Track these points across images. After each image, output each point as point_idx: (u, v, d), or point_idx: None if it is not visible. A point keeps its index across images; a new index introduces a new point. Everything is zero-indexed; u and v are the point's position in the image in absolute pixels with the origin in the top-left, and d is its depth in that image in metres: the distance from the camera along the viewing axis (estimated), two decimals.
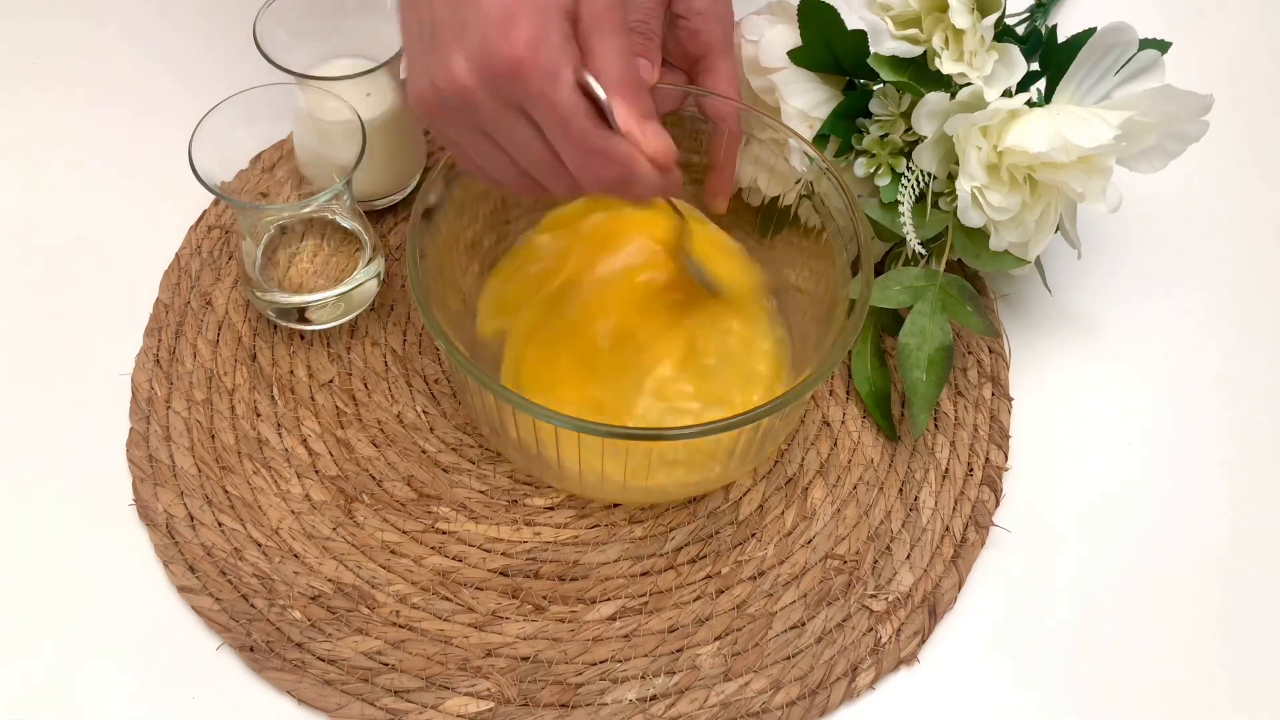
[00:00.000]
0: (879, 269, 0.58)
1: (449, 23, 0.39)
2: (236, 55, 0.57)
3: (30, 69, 0.68)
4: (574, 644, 0.49)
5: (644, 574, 0.51)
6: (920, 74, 0.53)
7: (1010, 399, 0.57)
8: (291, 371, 0.56)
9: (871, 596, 0.51)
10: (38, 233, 0.61)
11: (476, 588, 0.50)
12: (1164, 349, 0.61)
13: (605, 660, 0.49)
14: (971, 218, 0.53)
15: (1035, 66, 0.56)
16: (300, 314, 0.56)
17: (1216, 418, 0.58)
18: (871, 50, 0.53)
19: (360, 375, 0.56)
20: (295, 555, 0.50)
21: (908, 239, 0.54)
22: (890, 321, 0.57)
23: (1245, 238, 0.66)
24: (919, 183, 0.54)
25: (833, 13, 0.53)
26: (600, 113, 0.39)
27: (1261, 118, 0.71)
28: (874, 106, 0.55)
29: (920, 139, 0.53)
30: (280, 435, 0.54)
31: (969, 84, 0.52)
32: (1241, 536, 0.54)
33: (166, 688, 0.47)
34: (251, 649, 0.48)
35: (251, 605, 0.49)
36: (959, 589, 0.51)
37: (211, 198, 0.61)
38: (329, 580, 0.50)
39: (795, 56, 0.55)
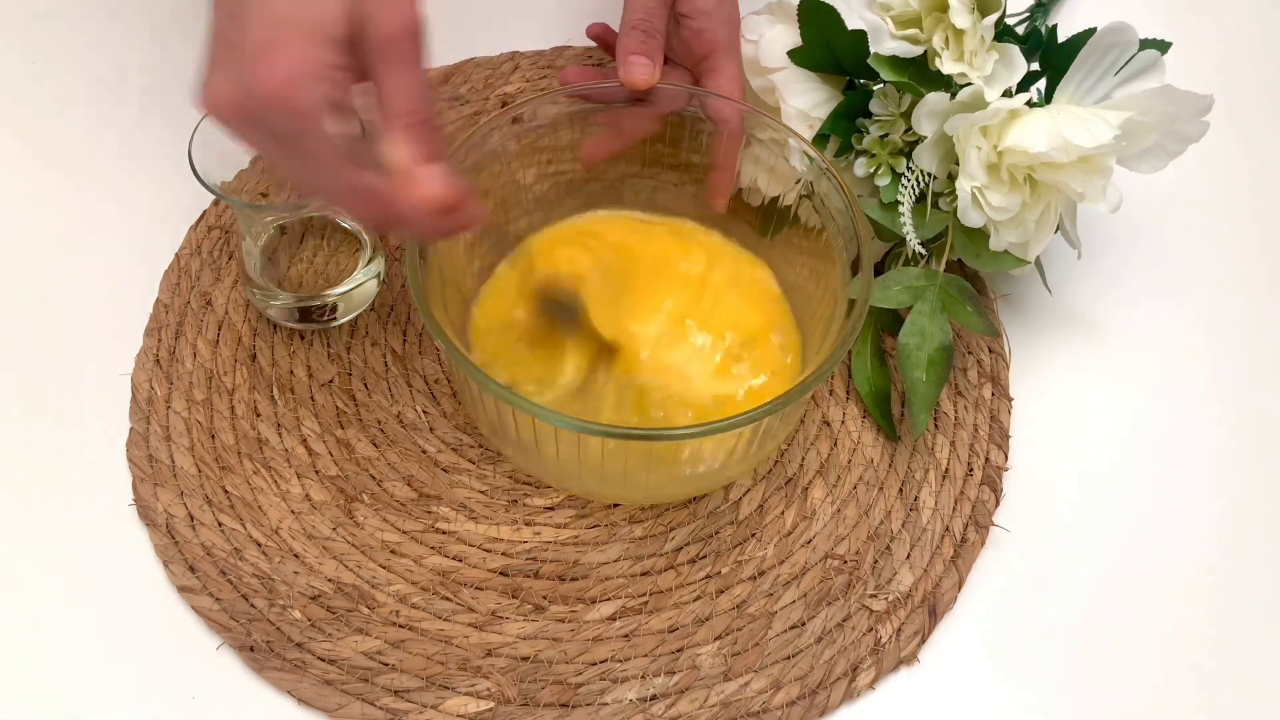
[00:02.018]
0: (879, 269, 0.58)
1: (224, 43, 0.38)
2: None
3: (30, 69, 0.68)
4: (574, 644, 0.49)
5: (644, 574, 0.51)
6: (920, 74, 0.53)
7: (1010, 399, 0.57)
8: (291, 371, 0.56)
9: (871, 596, 0.51)
10: (38, 233, 0.61)
11: (476, 588, 0.50)
12: (1164, 349, 0.61)
13: (605, 660, 0.49)
14: (971, 218, 0.53)
15: (1035, 66, 0.56)
16: (300, 314, 0.56)
17: (1217, 417, 0.58)
18: (871, 50, 0.53)
19: (360, 375, 0.56)
20: (295, 555, 0.50)
21: (908, 239, 0.54)
22: (890, 321, 0.57)
23: (1245, 238, 0.66)
24: (919, 183, 0.54)
25: (833, 13, 0.53)
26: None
27: (1261, 117, 0.71)
28: (874, 106, 0.55)
29: (920, 139, 0.53)
30: (280, 435, 0.54)
31: (969, 84, 0.52)
32: (1241, 536, 0.54)
33: (166, 688, 0.47)
34: (251, 649, 0.48)
35: (251, 605, 0.49)
36: (959, 589, 0.51)
37: (211, 198, 0.61)
38: (329, 580, 0.50)
39: (795, 56, 0.55)
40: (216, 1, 0.39)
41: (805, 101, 0.55)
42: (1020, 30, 0.69)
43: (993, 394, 0.57)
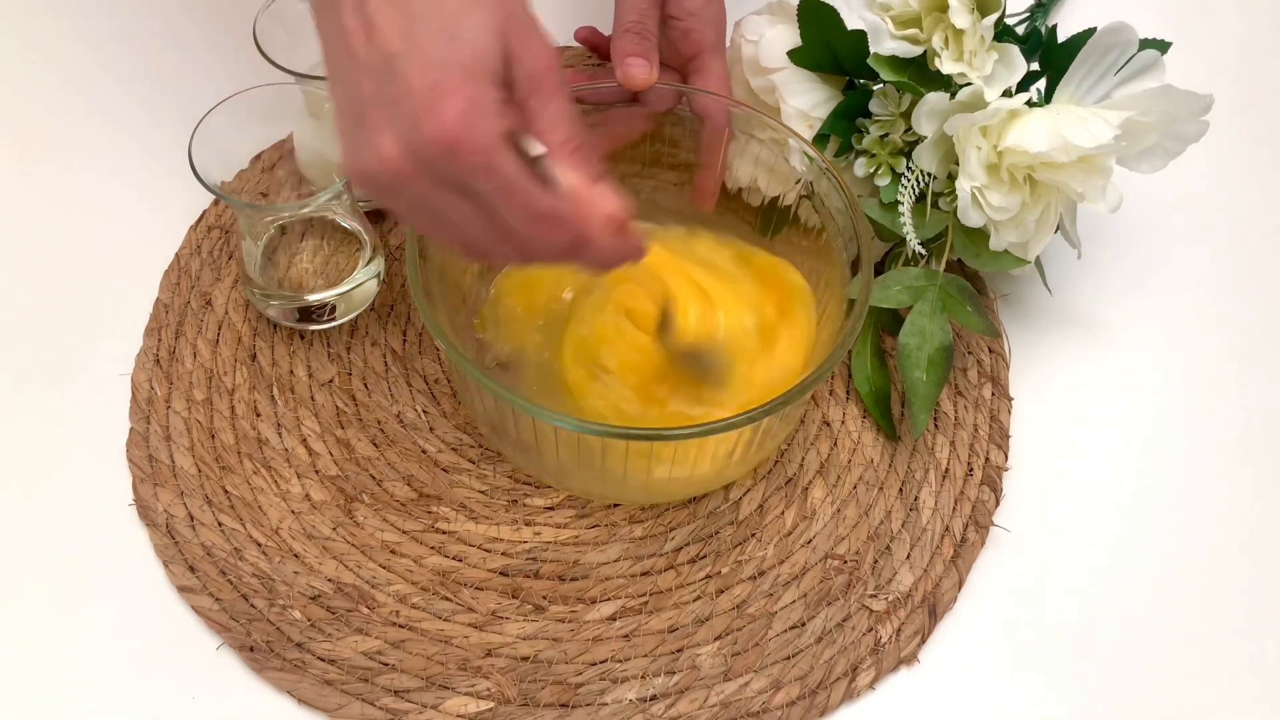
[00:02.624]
0: (879, 269, 0.58)
1: (377, 100, 0.37)
2: (236, 55, 0.57)
3: (30, 69, 0.68)
4: (574, 644, 0.49)
5: (644, 574, 0.51)
6: (920, 74, 0.53)
7: (1010, 399, 0.57)
8: (291, 371, 0.56)
9: (871, 596, 0.51)
10: (38, 233, 0.61)
11: (476, 588, 0.50)
12: (1164, 348, 0.61)
13: (605, 660, 0.49)
14: (971, 218, 0.53)
15: (1035, 66, 0.56)
16: (300, 314, 0.56)
17: (1216, 417, 0.58)
18: (871, 50, 0.53)
19: (360, 375, 0.56)
20: (295, 555, 0.50)
21: (908, 239, 0.54)
22: (890, 321, 0.57)
23: (1245, 237, 0.66)
24: (919, 183, 0.54)
25: (833, 13, 0.53)
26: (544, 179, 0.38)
27: (1261, 117, 0.71)
28: (874, 106, 0.55)
29: (920, 139, 0.53)
30: (280, 435, 0.54)
31: (969, 84, 0.52)
32: (1242, 535, 0.54)
33: (166, 688, 0.47)
34: (251, 649, 0.48)
35: (251, 605, 0.49)
36: (959, 589, 0.51)
37: (211, 198, 0.61)
38: (329, 580, 0.50)
39: (795, 56, 0.55)
40: (350, 60, 0.38)
41: (805, 101, 0.55)
42: (1020, 30, 0.69)
43: (993, 394, 0.57)
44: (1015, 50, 0.53)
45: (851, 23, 0.53)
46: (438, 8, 0.37)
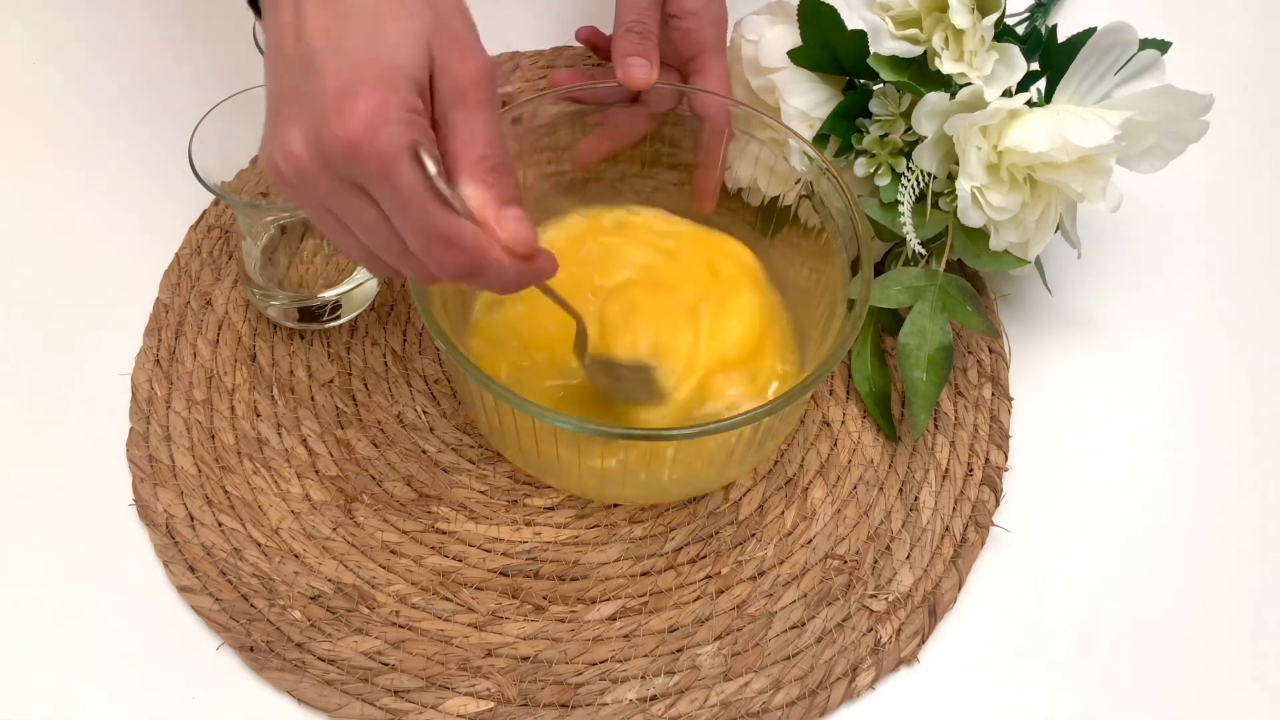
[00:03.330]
0: (879, 269, 0.58)
1: (292, 94, 0.37)
2: (236, 55, 0.57)
3: (30, 69, 0.68)
4: (574, 644, 0.49)
5: (644, 574, 0.51)
6: (920, 74, 0.53)
7: (1010, 399, 0.57)
8: (291, 371, 0.56)
9: (871, 596, 0.51)
10: (38, 233, 0.61)
11: (476, 588, 0.50)
12: (1164, 348, 0.61)
13: (605, 660, 0.48)
14: (971, 218, 0.53)
15: (1035, 66, 0.56)
16: (301, 314, 0.56)
17: (1216, 417, 0.58)
18: (871, 50, 0.53)
19: (360, 375, 0.56)
20: (295, 555, 0.50)
21: (908, 239, 0.54)
22: (890, 321, 0.57)
23: (1245, 237, 0.66)
24: (919, 183, 0.54)
25: (833, 13, 0.53)
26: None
27: (1261, 117, 0.71)
28: (874, 106, 0.55)
29: (920, 139, 0.53)
30: (280, 435, 0.54)
31: (969, 84, 0.52)
32: (1243, 535, 0.54)
33: (166, 688, 0.47)
34: (251, 649, 0.48)
35: (251, 605, 0.49)
36: (959, 589, 0.51)
37: (211, 198, 0.61)
38: (329, 580, 0.50)
39: (795, 56, 0.55)
40: (278, 55, 0.38)
41: (805, 101, 0.55)
42: (1020, 30, 0.69)
43: (993, 394, 0.57)
44: (1015, 50, 0.53)
45: (851, 23, 0.53)
46: (368, 11, 0.37)
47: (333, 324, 0.57)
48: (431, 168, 0.36)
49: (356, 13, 0.37)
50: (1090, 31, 0.53)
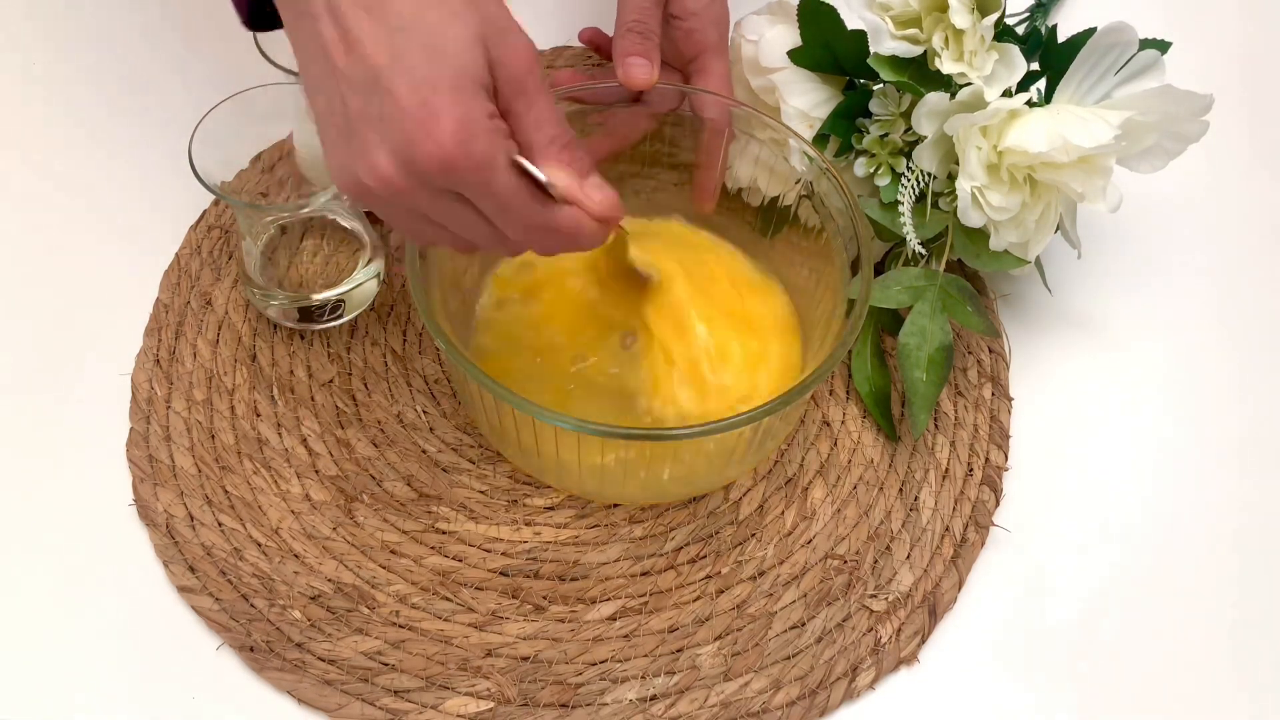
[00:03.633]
0: (879, 269, 0.58)
1: (364, 115, 0.37)
2: (237, 55, 0.57)
3: (30, 69, 0.68)
4: (574, 644, 0.49)
5: (644, 574, 0.51)
6: (920, 74, 0.53)
7: (1010, 399, 0.57)
8: (291, 371, 0.56)
9: (871, 596, 0.51)
10: (38, 233, 0.61)
11: (476, 588, 0.50)
12: (1164, 348, 0.61)
13: (605, 660, 0.48)
14: (971, 218, 0.53)
15: (1035, 66, 0.56)
16: (301, 313, 0.56)
17: (1216, 417, 0.58)
18: (871, 50, 0.53)
19: (360, 375, 0.56)
20: (295, 555, 0.50)
21: (908, 239, 0.54)
22: (890, 321, 0.57)
23: (1245, 237, 0.66)
24: (919, 183, 0.54)
25: (833, 13, 0.53)
26: (537, 182, 0.39)
27: (1262, 117, 0.71)
28: (874, 106, 0.55)
29: (920, 139, 0.53)
30: (280, 435, 0.54)
31: (969, 84, 0.52)
32: (1242, 535, 0.54)
33: (166, 688, 0.47)
34: (251, 649, 0.48)
35: (251, 605, 0.49)
36: (959, 589, 0.51)
37: (211, 198, 0.61)
38: (329, 580, 0.50)
39: (795, 56, 0.55)
40: (330, 72, 0.38)
41: (805, 101, 0.55)
42: (1020, 30, 0.69)
43: (993, 394, 0.57)
44: (1015, 50, 0.53)
45: (851, 23, 0.53)
46: (418, 19, 0.37)
47: (333, 324, 0.57)
48: (540, 175, 0.38)
49: (409, 24, 0.36)
50: (1090, 31, 0.53)
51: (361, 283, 0.56)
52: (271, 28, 0.48)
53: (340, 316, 0.56)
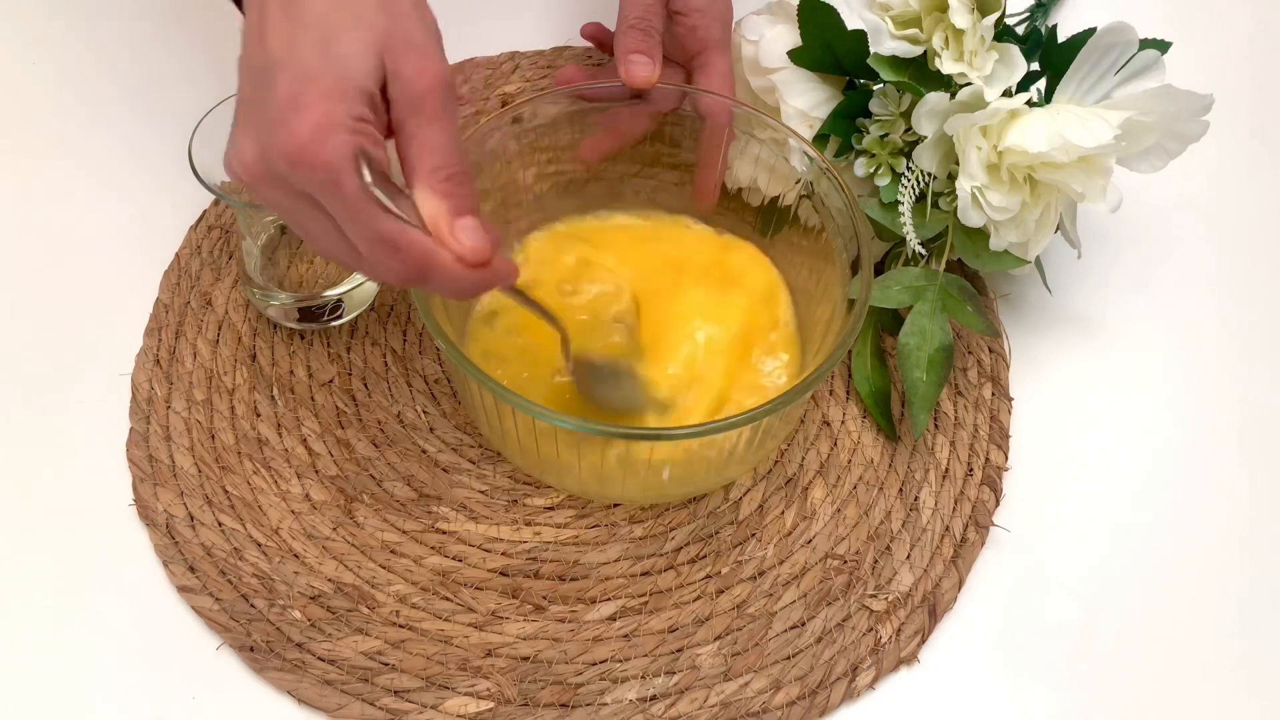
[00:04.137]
0: (879, 269, 0.58)
1: (251, 102, 0.38)
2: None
3: (31, 69, 0.68)
4: (574, 644, 0.49)
5: (644, 574, 0.51)
6: (920, 74, 0.53)
7: (1010, 399, 0.57)
8: (291, 371, 0.56)
9: (871, 596, 0.51)
10: (38, 232, 0.61)
11: (476, 588, 0.50)
12: (1164, 348, 0.61)
13: (605, 660, 0.49)
14: (971, 218, 0.53)
15: (1035, 66, 0.56)
16: (301, 313, 0.56)
17: (1216, 417, 0.58)
18: (871, 50, 0.53)
19: (360, 375, 0.56)
20: (295, 555, 0.50)
21: (908, 239, 0.54)
22: (890, 321, 0.57)
23: (1245, 237, 0.66)
24: (919, 183, 0.54)
25: (833, 13, 0.53)
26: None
27: (1261, 117, 0.71)
28: (874, 106, 0.55)
29: (920, 139, 0.53)
30: (280, 435, 0.54)
31: (969, 84, 0.52)
32: (1243, 535, 0.54)
33: (166, 688, 0.47)
34: (251, 649, 0.48)
35: (251, 605, 0.49)
36: (959, 589, 0.51)
37: (211, 198, 0.61)
38: (329, 580, 0.50)
39: (795, 56, 0.55)
40: (244, 60, 0.39)
41: (805, 101, 0.55)
42: (1020, 30, 0.69)
43: (993, 394, 0.57)
44: (1015, 50, 0.53)
45: (851, 23, 0.53)
46: (323, 20, 0.37)
47: (333, 324, 0.57)
48: (367, 176, 0.37)
49: (312, 22, 0.37)
50: (1090, 31, 0.53)
51: (361, 283, 0.56)
52: None
53: (340, 316, 0.56)
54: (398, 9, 0.38)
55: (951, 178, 0.54)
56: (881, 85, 0.54)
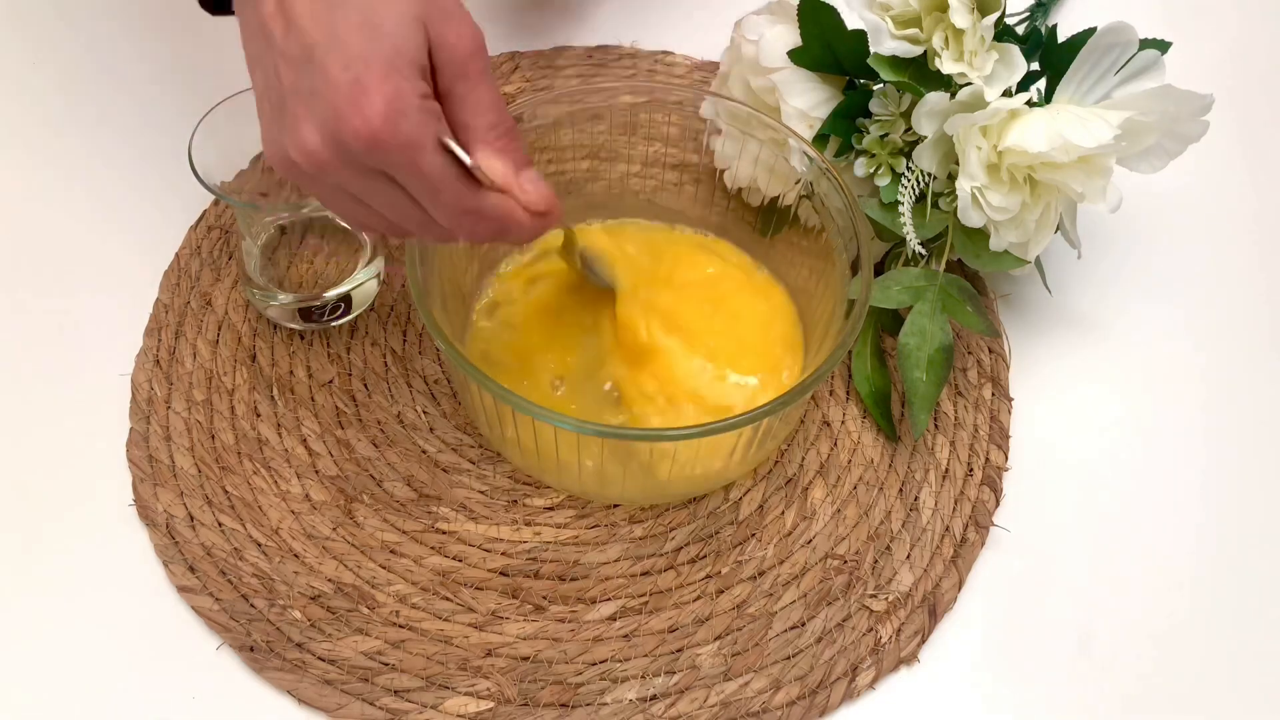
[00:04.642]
0: (879, 269, 0.58)
1: (296, 89, 0.37)
2: (236, 55, 0.57)
3: (30, 69, 0.68)
4: (574, 644, 0.49)
5: (644, 574, 0.51)
6: (920, 74, 0.53)
7: (1010, 399, 0.57)
8: (291, 371, 0.56)
9: (871, 596, 0.51)
10: (38, 233, 0.61)
11: (476, 588, 0.50)
12: (1164, 349, 0.61)
13: (605, 660, 0.49)
14: (971, 218, 0.53)
15: (1035, 66, 0.56)
16: (301, 314, 0.56)
17: (1217, 417, 0.58)
18: (871, 50, 0.53)
19: (360, 375, 0.56)
20: (295, 555, 0.50)
21: (908, 239, 0.54)
22: (890, 321, 0.57)
23: (1245, 237, 0.66)
24: (919, 183, 0.54)
25: (833, 13, 0.53)
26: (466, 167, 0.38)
27: (1262, 117, 0.71)
28: (874, 106, 0.55)
29: (920, 139, 0.53)
30: (280, 435, 0.54)
31: (969, 84, 0.52)
32: (1242, 536, 0.54)
33: (166, 688, 0.47)
34: (251, 649, 0.48)
35: (251, 605, 0.49)
36: (959, 589, 0.51)
37: (211, 198, 0.61)
38: (329, 580, 0.50)
39: (795, 56, 0.55)
40: (269, 48, 0.38)
41: (805, 101, 0.55)
42: (1020, 30, 0.69)
43: (993, 394, 0.57)
44: (1015, 50, 0.53)
45: (851, 23, 0.53)
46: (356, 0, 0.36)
47: (333, 324, 0.57)
48: (466, 159, 0.37)
49: (346, 2, 0.36)
50: (1090, 31, 0.53)
51: (362, 283, 0.56)
52: (229, 11, 0.46)
53: (340, 316, 0.56)
54: None
55: (951, 178, 0.54)
56: (881, 85, 0.54)
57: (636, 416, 0.51)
